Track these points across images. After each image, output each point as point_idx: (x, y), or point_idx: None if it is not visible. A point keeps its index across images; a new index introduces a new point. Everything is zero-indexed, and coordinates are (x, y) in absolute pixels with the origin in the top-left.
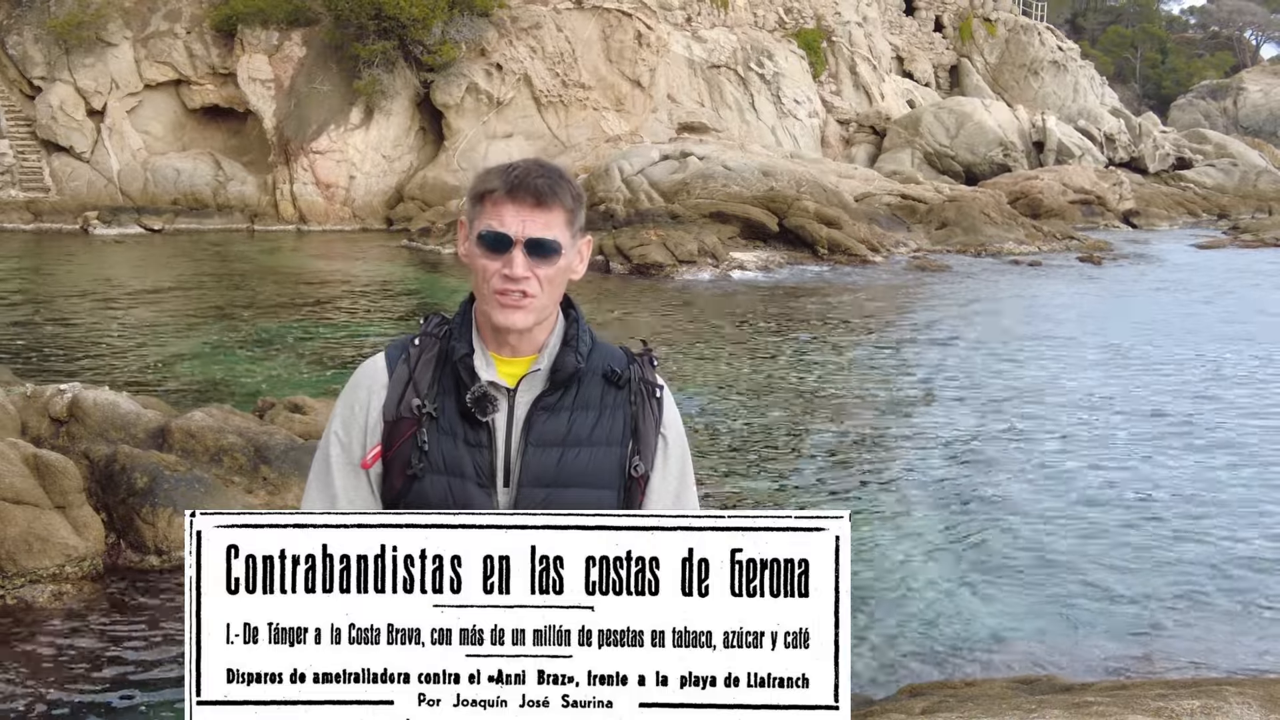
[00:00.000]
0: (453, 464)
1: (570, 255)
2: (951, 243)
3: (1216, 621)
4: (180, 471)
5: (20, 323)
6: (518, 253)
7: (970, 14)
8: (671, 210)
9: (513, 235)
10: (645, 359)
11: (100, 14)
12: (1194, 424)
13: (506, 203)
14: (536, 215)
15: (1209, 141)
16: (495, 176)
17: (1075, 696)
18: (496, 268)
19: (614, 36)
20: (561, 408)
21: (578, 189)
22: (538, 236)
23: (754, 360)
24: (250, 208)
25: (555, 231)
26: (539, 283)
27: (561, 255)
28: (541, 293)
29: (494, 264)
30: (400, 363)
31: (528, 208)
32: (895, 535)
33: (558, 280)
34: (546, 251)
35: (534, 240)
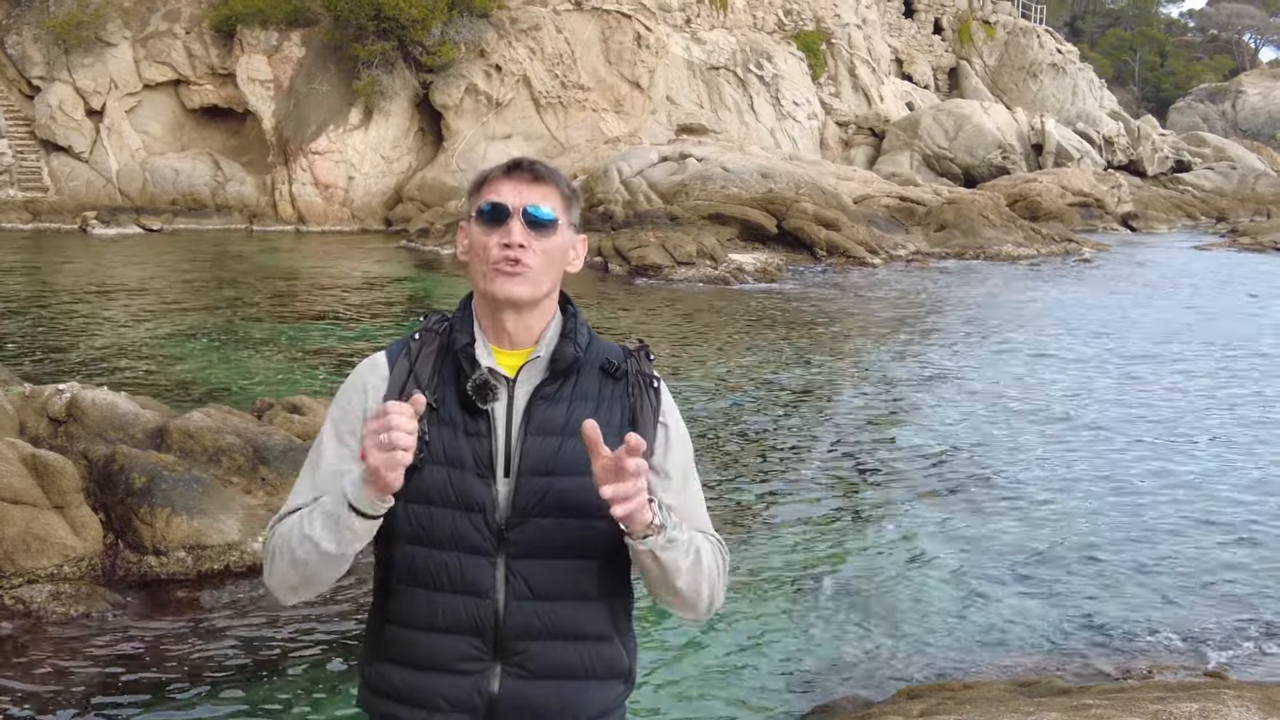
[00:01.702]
0: (453, 454)
1: (567, 235)
2: (950, 245)
3: (1216, 624)
4: (178, 472)
5: (19, 322)
6: (515, 222)
7: (969, 17)
8: (670, 212)
9: (510, 206)
10: (641, 353)
11: (99, 14)
12: (1194, 426)
13: (504, 179)
14: (534, 188)
15: (1208, 144)
16: (493, 166)
17: (1074, 699)
18: (495, 239)
19: (613, 38)
20: (561, 397)
21: (574, 186)
22: (535, 205)
23: (752, 361)
24: (249, 208)
25: (552, 204)
26: (535, 254)
27: (558, 231)
28: (538, 263)
29: (492, 236)
30: (401, 357)
31: (524, 183)
32: (893, 537)
33: (555, 258)
34: (543, 222)
35: (531, 210)
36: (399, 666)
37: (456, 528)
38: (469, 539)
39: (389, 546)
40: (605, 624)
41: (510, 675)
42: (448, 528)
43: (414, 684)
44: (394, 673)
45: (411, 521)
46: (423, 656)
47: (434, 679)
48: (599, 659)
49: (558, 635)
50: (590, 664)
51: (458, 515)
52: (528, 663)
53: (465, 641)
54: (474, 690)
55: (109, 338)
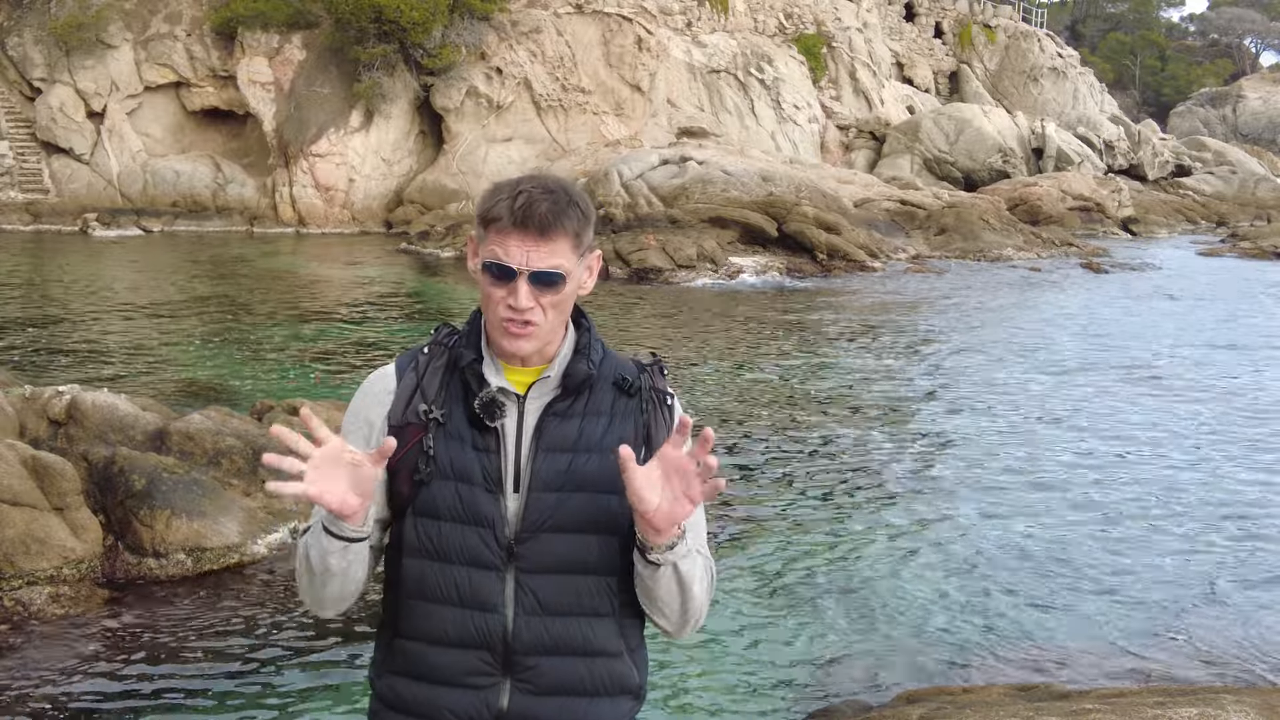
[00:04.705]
0: (460, 469)
1: (577, 276)
2: (950, 249)
3: (1214, 628)
4: (178, 474)
5: (19, 324)
6: (522, 284)
7: (970, 21)
8: (670, 215)
9: (516, 268)
10: (655, 368)
11: (100, 16)
12: (1195, 430)
13: (510, 233)
14: (541, 246)
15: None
16: (501, 203)
17: (1073, 703)
18: (501, 296)
19: (614, 41)
20: (573, 414)
21: (585, 206)
22: (541, 269)
23: (752, 364)
24: (249, 210)
25: (560, 259)
26: (543, 310)
27: (566, 283)
28: (546, 320)
29: (499, 292)
30: (409, 370)
31: (531, 239)
32: (892, 540)
33: (564, 304)
34: (550, 281)
35: (538, 273)
36: (409, 680)
37: (466, 543)
38: (478, 554)
39: (398, 560)
40: (615, 640)
41: (519, 691)
42: (457, 542)
43: (423, 698)
44: (404, 686)
45: (421, 536)
46: (432, 671)
47: (443, 693)
48: (609, 675)
49: (567, 651)
50: (600, 680)
51: (467, 530)
52: (537, 678)
53: (474, 656)
54: (483, 705)
55: (109, 339)
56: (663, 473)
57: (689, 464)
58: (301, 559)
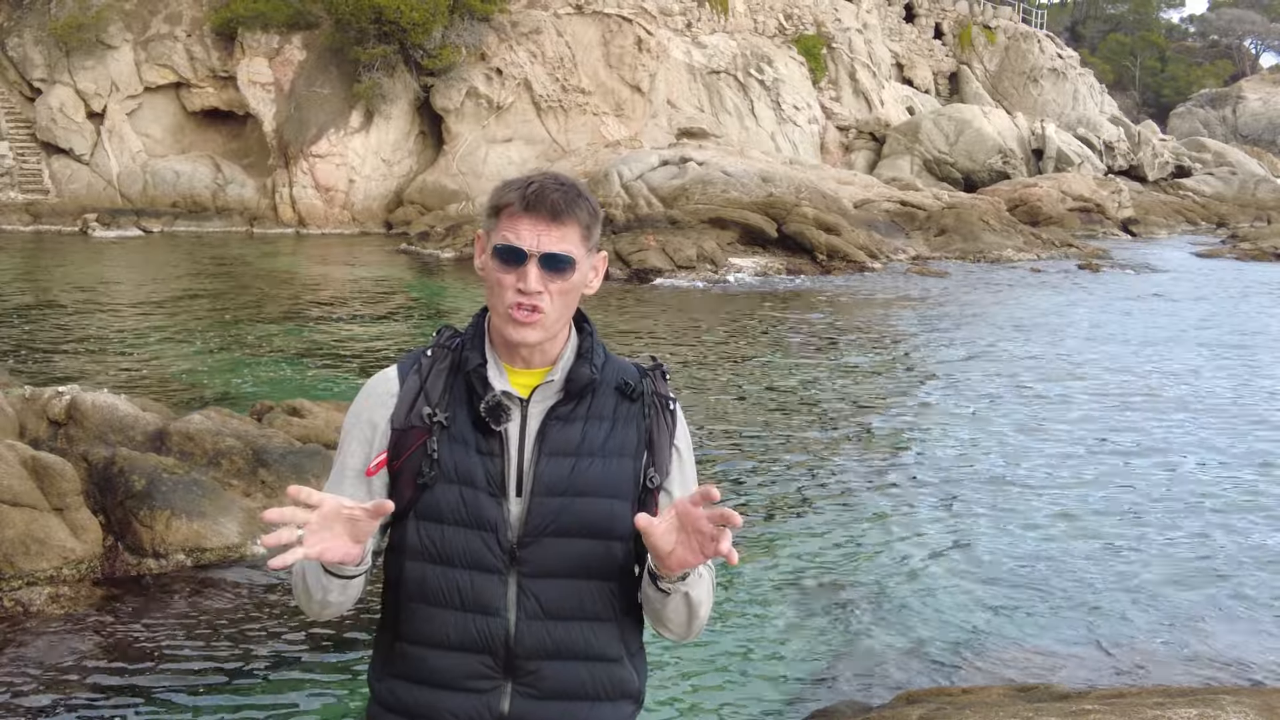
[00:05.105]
0: (464, 473)
1: (584, 270)
2: (950, 250)
3: (1214, 630)
4: (178, 474)
5: (19, 324)
6: (532, 266)
7: (970, 21)
8: (670, 216)
9: (527, 249)
10: (657, 373)
11: (101, 16)
12: (1194, 431)
13: (522, 217)
14: (552, 230)
15: (1208, 150)
16: (512, 190)
17: (1073, 704)
18: (511, 281)
19: (614, 42)
20: (575, 418)
21: (594, 205)
22: (552, 251)
23: (751, 364)
24: (249, 211)
25: (570, 245)
26: (551, 297)
27: (575, 270)
28: (553, 308)
29: (509, 277)
30: (412, 373)
31: (543, 222)
32: (892, 540)
33: (571, 295)
34: (560, 265)
35: (548, 255)
36: (409, 683)
37: (468, 546)
38: (481, 557)
39: (399, 563)
40: (616, 644)
41: (521, 694)
42: (460, 546)
43: (424, 701)
44: (404, 689)
45: (423, 539)
46: (433, 674)
47: (444, 697)
48: (610, 679)
49: (569, 655)
50: (601, 685)
51: (470, 534)
52: (538, 682)
53: (476, 660)
54: (484, 709)
55: (109, 340)
56: (679, 524)
57: (706, 526)
58: (298, 581)
